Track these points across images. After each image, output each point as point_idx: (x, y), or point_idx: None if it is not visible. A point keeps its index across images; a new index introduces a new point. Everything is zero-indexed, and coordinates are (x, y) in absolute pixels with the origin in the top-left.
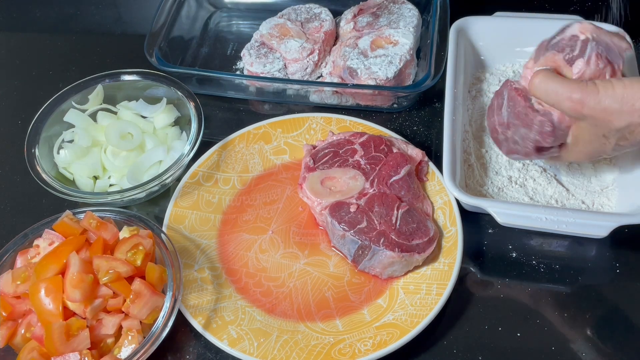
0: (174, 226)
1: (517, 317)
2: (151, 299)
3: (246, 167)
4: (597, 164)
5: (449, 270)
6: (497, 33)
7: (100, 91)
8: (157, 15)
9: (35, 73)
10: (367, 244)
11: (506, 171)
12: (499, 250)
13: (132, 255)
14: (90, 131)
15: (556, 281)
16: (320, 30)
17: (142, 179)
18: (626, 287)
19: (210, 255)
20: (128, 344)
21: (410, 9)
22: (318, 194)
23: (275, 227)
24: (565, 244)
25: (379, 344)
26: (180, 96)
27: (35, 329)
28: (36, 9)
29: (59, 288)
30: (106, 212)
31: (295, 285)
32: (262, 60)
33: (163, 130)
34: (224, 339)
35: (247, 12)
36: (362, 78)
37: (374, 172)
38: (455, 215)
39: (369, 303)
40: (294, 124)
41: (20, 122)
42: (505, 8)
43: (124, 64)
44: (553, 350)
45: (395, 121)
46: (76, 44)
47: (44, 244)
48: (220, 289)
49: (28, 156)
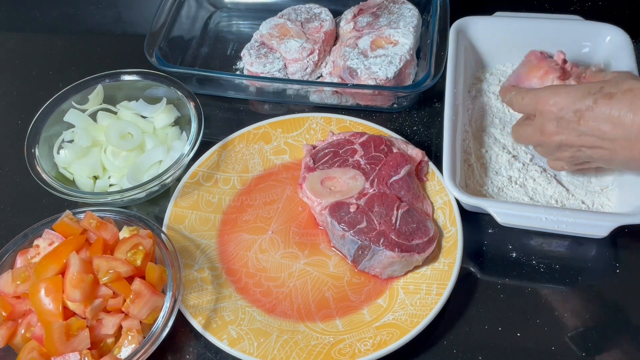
0: (174, 226)
1: (517, 317)
2: (151, 299)
3: (246, 167)
4: None
5: (449, 270)
6: (497, 33)
7: (100, 91)
8: (157, 15)
9: (35, 73)
10: (366, 244)
11: (506, 171)
12: (499, 250)
13: (132, 255)
14: (90, 131)
15: (556, 281)
16: (320, 30)
17: (142, 179)
18: (626, 287)
19: (210, 255)
20: (128, 344)
21: (410, 9)
22: (318, 194)
23: (275, 227)
24: (565, 244)
25: (379, 344)
26: (180, 96)
27: (35, 329)
28: (36, 9)
29: (59, 288)
30: (106, 212)
31: (295, 285)
32: (262, 60)
33: (163, 130)
34: (224, 339)
35: (247, 12)
36: (362, 78)
37: (374, 172)
38: (455, 215)
39: (369, 303)
40: (294, 124)
41: (20, 122)
42: (505, 8)
43: (124, 64)
44: (553, 350)
45: (395, 121)
46: (76, 44)
47: (44, 244)
48: (220, 289)
49: (28, 156)
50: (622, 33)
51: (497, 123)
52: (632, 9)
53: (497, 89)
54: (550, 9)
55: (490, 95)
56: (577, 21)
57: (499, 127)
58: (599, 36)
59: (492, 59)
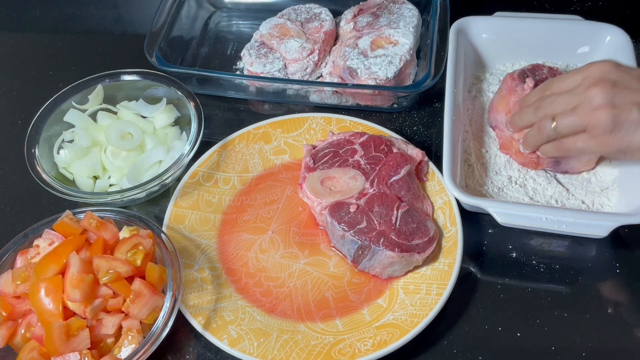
0: (174, 226)
1: (517, 317)
2: (151, 299)
3: (246, 167)
4: (597, 164)
5: (449, 270)
6: (497, 33)
7: (100, 91)
8: (157, 15)
9: (35, 73)
10: (366, 244)
11: (506, 171)
12: (499, 250)
13: (132, 255)
14: (90, 131)
15: (556, 281)
16: (320, 30)
17: (142, 179)
18: (626, 287)
19: (210, 255)
20: (128, 344)
21: (410, 9)
22: (318, 194)
23: (275, 227)
24: (565, 244)
25: (379, 344)
26: (180, 96)
27: (35, 329)
28: (36, 9)
29: (59, 288)
30: (106, 212)
31: (295, 285)
32: (262, 60)
33: (163, 130)
34: (224, 339)
35: (247, 12)
36: (362, 78)
37: (374, 172)
38: (455, 215)
39: (369, 303)
40: (294, 124)
41: (20, 122)
42: (505, 8)
43: (124, 64)
44: (553, 350)
45: (395, 121)
46: (76, 44)
47: (44, 244)
48: (220, 289)
49: (28, 156)
50: (622, 33)
51: None
52: (632, 9)
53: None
54: (550, 9)
55: (490, 95)
56: (577, 21)
57: None
58: (599, 36)
59: (492, 59)
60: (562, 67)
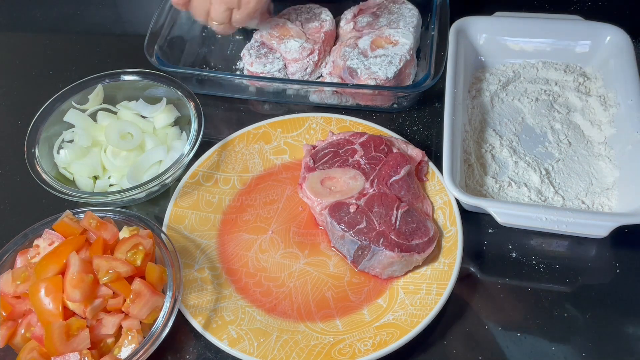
0: (174, 226)
1: (517, 317)
2: (151, 299)
3: (246, 167)
4: (597, 164)
5: (449, 270)
6: (497, 33)
7: (100, 91)
8: (157, 15)
9: (35, 73)
10: (366, 244)
11: (506, 171)
12: (499, 250)
13: (132, 255)
14: (90, 131)
15: (556, 281)
16: (320, 30)
17: (142, 179)
18: (626, 287)
19: (210, 255)
20: (128, 344)
21: (410, 9)
22: (318, 194)
23: (275, 227)
24: (565, 244)
25: (379, 344)
26: (180, 96)
27: (35, 329)
28: (36, 9)
29: (59, 288)
30: (106, 212)
31: (295, 285)
32: (262, 60)
33: (163, 130)
34: (224, 339)
35: None
36: (362, 78)
37: (374, 172)
38: (455, 215)
39: (369, 303)
40: (294, 124)
41: (20, 122)
42: (505, 8)
43: (124, 64)
44: (553, 350)
45: (395, 121)
46: (76, 44)
47: (44, 244)
48: (220, 289)
49: (28, 156)
50: (622, 33)
51: (497, 123)
52: (632, 9)
53: (497, 89)
54: (550, 9)
55: (491, 95)
56: (577, 21)
57: (499, 127)
58: (599, 36)
59: (492, 59)
60: (562, 67)
